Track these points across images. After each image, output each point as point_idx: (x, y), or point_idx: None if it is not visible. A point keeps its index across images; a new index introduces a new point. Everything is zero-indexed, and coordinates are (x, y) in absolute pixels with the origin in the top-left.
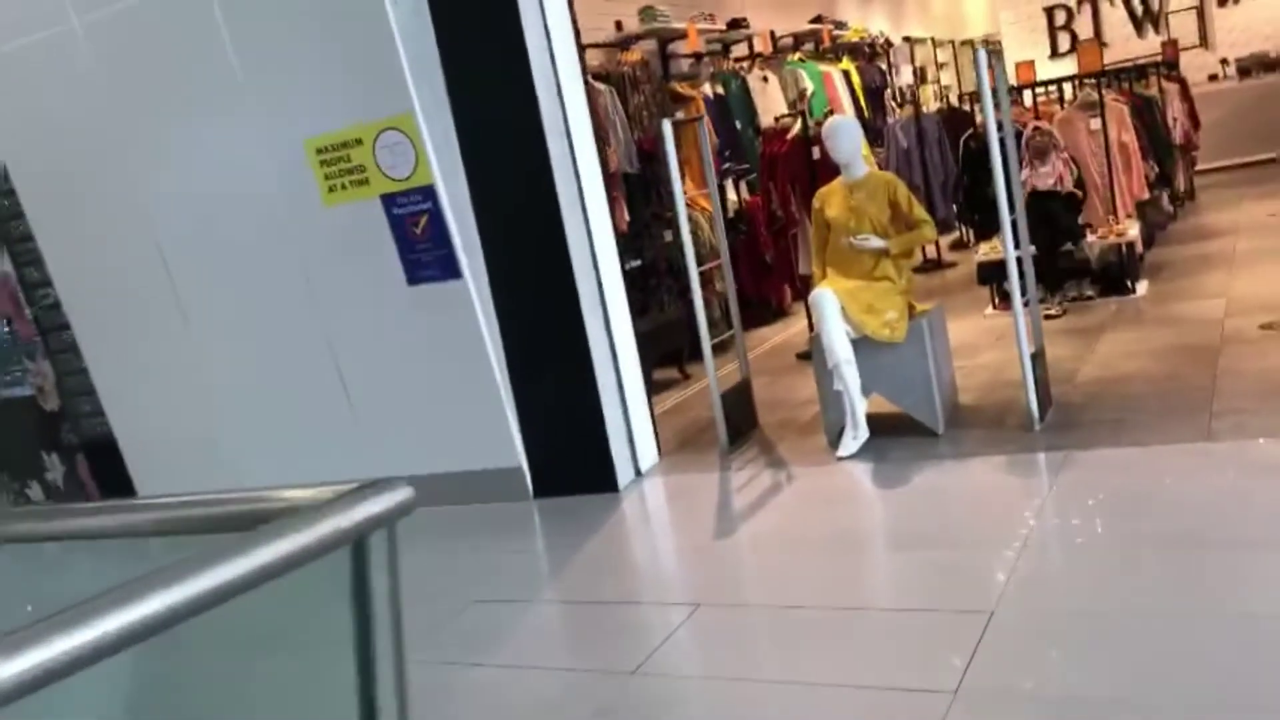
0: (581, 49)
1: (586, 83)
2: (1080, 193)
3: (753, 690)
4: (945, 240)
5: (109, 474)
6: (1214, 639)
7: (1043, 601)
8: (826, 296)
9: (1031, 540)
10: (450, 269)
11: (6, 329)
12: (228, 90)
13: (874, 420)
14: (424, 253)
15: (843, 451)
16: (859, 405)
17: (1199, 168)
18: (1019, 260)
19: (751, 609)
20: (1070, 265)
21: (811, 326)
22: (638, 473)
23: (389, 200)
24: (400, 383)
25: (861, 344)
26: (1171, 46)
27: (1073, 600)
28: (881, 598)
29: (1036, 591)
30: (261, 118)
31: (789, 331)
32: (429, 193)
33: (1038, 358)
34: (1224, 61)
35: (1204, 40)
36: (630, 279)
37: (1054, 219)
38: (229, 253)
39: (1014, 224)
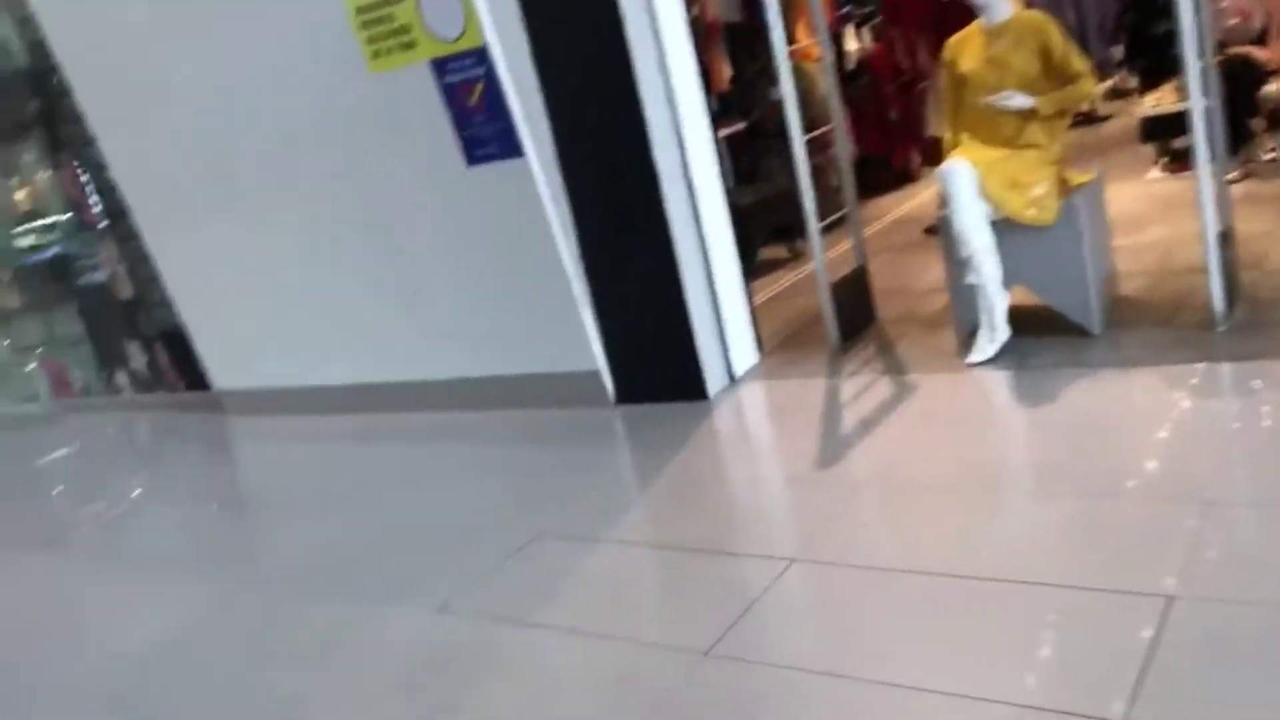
0: None
1: None
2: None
3: (847, 693)
4: (1099, 89)
5: (189, 362)
6: None
7: (1241, 584)
8: (960, 170)
9: (1220, 491)
10: (510, 145)
11: (75, 215)
12: None
13: (1015, 315)
14: (481, 127)
15: (976, 356)
16: (997, 301)
17: None
18: (1206, 112)
19: (856, 571)
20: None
21: (942, 200)
22: (731, 378)
23: (439, 66)
24: (462, 276)
25: (1002, 226)
26: None
27: None
28: (1020, 564)
29: (1231, 569)
30: None
31: (915, 201)
32: (482, 56)
33: (1226, 238)
34: None
35: None
36: (735, 144)
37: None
38: (277, 133)
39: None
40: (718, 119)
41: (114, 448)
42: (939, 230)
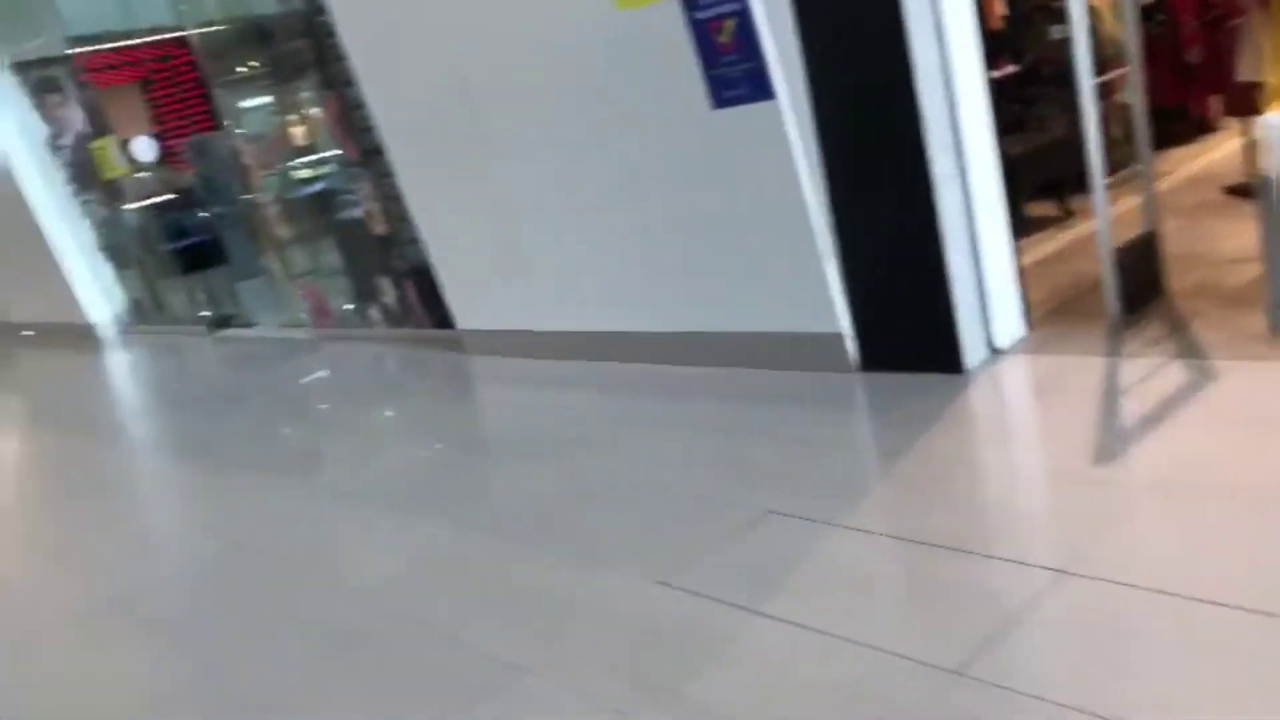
0: None
1: None
2: None
3: None
4: None
5: (435, 300)
6: None
7: None
8: None
9: None
10: (761, 87)
11: (338, 151)
12: None
13: None
14: (730, 66)
15: None
16: None
17: None
18: None
19: (1133, 593)
20: None
21: (1252, 156)
22: (993, 349)
23: (689, 1)
24: (700, 225)
25: None
26: None
27: None
28: None
29: None
30: None
31: (1215, 156)
32: None
33: None
34: None
35: None
36: (1004, 89)
37: None
38: (524, 74)
39: None
40: (989, 60)
41: (363, 378)
42: (1248, 191)
